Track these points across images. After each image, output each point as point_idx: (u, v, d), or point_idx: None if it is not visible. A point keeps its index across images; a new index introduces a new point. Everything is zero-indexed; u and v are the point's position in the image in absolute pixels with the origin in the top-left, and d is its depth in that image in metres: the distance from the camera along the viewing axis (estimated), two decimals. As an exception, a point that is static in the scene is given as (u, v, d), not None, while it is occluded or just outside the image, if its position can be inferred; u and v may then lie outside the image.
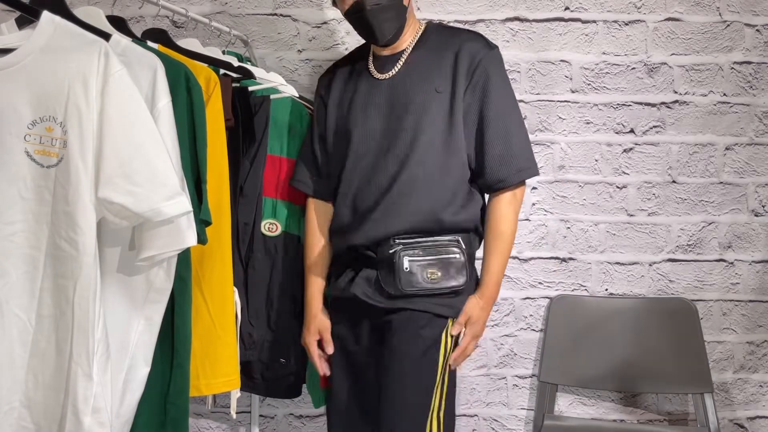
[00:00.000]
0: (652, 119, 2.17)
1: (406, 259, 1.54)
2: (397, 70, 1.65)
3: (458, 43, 1.62)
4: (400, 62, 1.65)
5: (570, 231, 2.19)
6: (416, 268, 1.54)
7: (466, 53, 1.60)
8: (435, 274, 1.55)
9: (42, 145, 1.13)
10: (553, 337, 2.14)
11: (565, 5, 2.15)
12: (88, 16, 1.30)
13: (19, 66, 1.13)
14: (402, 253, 1.55)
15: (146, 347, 1.27)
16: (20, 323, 1.14)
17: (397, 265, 1.54)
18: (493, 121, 1.59)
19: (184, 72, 1.28)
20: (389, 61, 1.66)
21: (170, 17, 2.08)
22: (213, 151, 1.37)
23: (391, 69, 1.65)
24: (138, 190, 1.13)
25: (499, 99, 1.60)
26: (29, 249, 1.14)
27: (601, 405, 2.21)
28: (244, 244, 1.70)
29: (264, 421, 2.22)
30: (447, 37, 1.65)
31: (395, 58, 1.66)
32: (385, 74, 1.66)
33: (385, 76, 1.66)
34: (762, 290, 2.19)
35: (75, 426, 1.12)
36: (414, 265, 1.54)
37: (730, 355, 2.20)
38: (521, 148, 1.61)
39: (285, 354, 1.79)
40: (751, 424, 2.23)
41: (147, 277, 1.25)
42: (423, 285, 1.55)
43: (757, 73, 2.16)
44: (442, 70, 1.61)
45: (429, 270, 1.55)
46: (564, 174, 2.17)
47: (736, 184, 2.18)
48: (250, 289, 1.71)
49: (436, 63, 1.62)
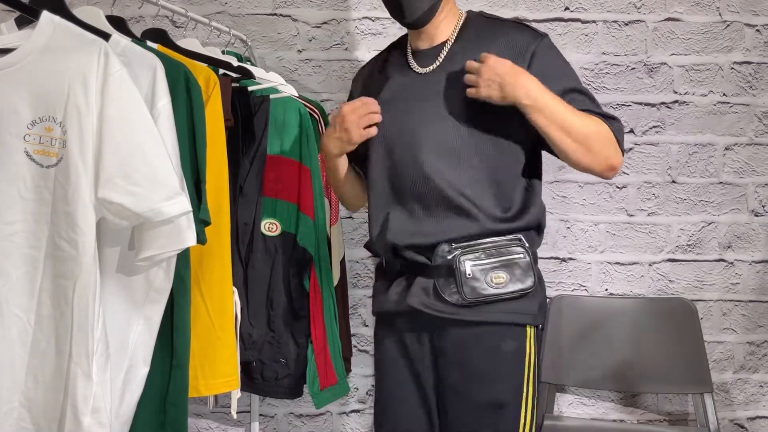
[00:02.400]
0: (652, 119, 2.17)
1: (468, 264, 1.39)
2: (439, 63, 1.49)
3: (505, 36, 1.46)
4: (442, 55, 1.50)
5: (570, 231, 2.19)
6: (479, 273, 1.39)
7: (516, 48, 1.43)
8: (500, 277, 1.40)
9: (42, 145, 1.13)
10: (553, 337, 2.14)
11: (565, 5, 2.15)
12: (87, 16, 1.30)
13: (18, 66, 1.13)
14: (462, 257, 1.39)
15: (145, 347, 1.26)
16: (20, 323, 1.14)
17: (459, 272, 1.39)
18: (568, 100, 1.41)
19: (183, 72, 1.28)
20: (430, 54, 1.51)
21: (170, 17, 2.08)
22: (213, 151, 1.37)
23: (433, 62, 1.50)
24: (138, 190, 1.13)
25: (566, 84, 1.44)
26: (29, 249, 1.14)
27: (601, 405, 2.21)
28: (244, 244, 1.70)
29: (264, 421, 2.22)
30: (492, 29, 1.49)
31: (436, 51, 1.51)
32: (426, 68, 1.50)
33: (426, 69, 1.50)
34: (762, 290, 2.19)
35: (74, 426, 1.12)
36: (477, 270, 1.39)
37: (730, 355, 2.20)
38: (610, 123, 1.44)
39: (285, 354, 1.79)
40: (751, 424, 2.23)
41: (146, 277, 1.25)
42: (489, 291, 1.39)
43: (757, 73, 2.16)
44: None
45: (493, 274, 1.40)
46: (564, 174, 2.17)
47: (735, 184, 2.18)
48: (250, 289, 1.71)
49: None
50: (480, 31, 1.50)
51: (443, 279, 1.42)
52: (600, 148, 1.41)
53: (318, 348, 1.82)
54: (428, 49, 1.52)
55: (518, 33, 1.47)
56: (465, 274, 1.39)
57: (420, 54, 1.53)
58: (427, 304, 1.43)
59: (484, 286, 1.39)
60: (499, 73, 1.37)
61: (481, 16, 1.55)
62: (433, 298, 1.43)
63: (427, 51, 1.52)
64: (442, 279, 1.42)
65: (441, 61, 1.49)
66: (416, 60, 1.53)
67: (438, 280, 1.42)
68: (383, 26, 2.15)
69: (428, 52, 1.52)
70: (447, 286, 1.41)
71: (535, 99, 1.37)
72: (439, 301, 1.42)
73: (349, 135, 1.49)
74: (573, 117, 1.39)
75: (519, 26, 1.50)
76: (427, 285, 1.44)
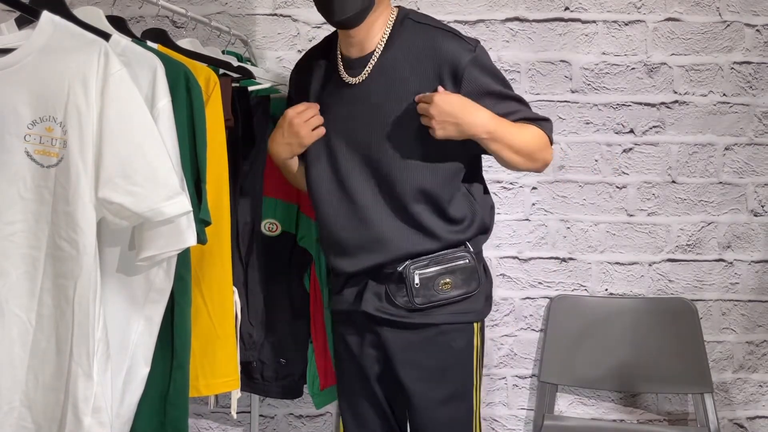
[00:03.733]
0: (652, 119, 2.17)
1: (416, 274, 1.48)
2: (368, 72, 1.48)
3: (434, 48, 1.44)
4: (370, 64, 1.48)
5: (570, 231, 2.19)
6: (427, 280, 1.48)
7: (446, 63, 1.44)
8: (447, 283, 1.49)
9: (42, 145, 1.13)
10: (553, 337, 2.14)
11: (565, 5, 2.15)
12: (87, 16, 1.29)
13: (18, 66, 1.13)
14: (412, 267, 1.48)
15: (146, 347, 1.26)
16: (20, 323, 1.14)
17: (409, 281, 1.48)
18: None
19: (183, 72, 1.28)
20: (359, 63, 1.49)
21: (170, 17, 2.08)
22: (213, 151, 1.37)
23: (362, 72, 1.49)
24: (138, 190, 1.13)
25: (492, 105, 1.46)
26: (29, 249, 1.14)
27: (601, 405, 2.22)
28: (244, 244, 1.70)
29: (264, 421, 2.22)
30: (423, 37, 1.47)
31: (365, 60, 1.49)
32: (356, 78, 1.50)
33: (356, 80, 1.50)
34: (761, 290, 2.19)
35: (75, 426, 1.12)
36: (425, 278, 1.48)
37: (730, 355, 2.20)
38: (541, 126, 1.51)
39: (285, 354, 1.79)
40: (751, 424, 2.23)
41: (147, 277, 1.25)
42: (437, 296, 1.49)
43: (756, 73, 2.16)
44: (419, 77, 1.45)
45: (441, 279, 1.49)
46: (564, 174, 2.17)
47: (735, 184, 2.18)
48: (250, 289, 1.71)
49: (413, 69, 1.46)
50: (410, 40, 1.47)
51: (394, 285, 1.51)
52: (540, 156, 1.52)
53: (318, 348, 1.82)
54: (358, 58, 1.50)
55: (448, 44, 1.44)
56: (414, 283, 1.48)
57: (350, 62, 1.51)
58: (380, 308, 1.52)
59: (432, 293, 1.49)
60: (450, 113, 1.41)
61: (410, 20, 1.50)
62: (385, 302, 1.52)
63: (357, 60, 1.50)
64: (393, 285, 1.51)
65: (370, 71, 1.48)
66: (346, 68, 1.52)
67: (389, 285, 1.51)
68: (383, 26, 2.15)
69: (358, 61, 1.50)
70: (398, 291, 1.50)
71: (493, 132, 1.44)
72: (391, 305, 1.51)
73: (299, 138, 1.52)
74: (520, 136, 1.47)
75: (448, 36, 1.46)
76: (379, 290, 1.52)
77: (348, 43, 1.50)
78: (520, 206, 2.17)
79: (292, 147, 1.54)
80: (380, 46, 1.48)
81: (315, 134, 1.52)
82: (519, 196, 2.17)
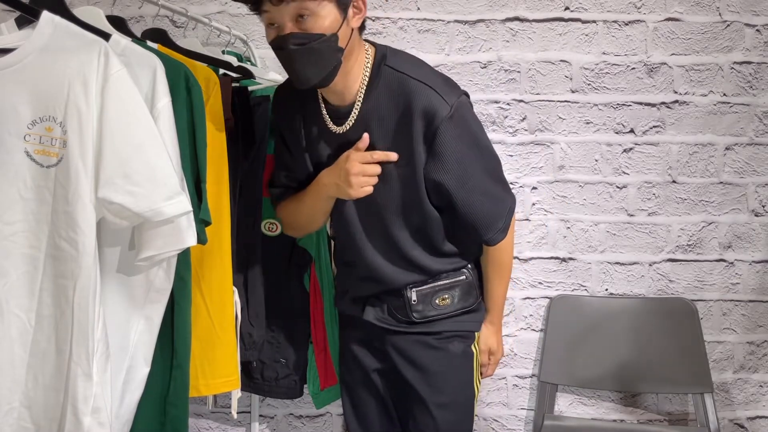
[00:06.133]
0: (652, 119, 2.17)
1: (413, 291, 1.54)
2: (352, 123, 1.45)
3: (410, 103, 1.39)
4: (353, 114, 1.45)
5: (570, 231, 2.19)
6: (424, 297, 1.54)
7: (420, 118, 1.39)
8: (445, 300, 1.56)
9: (42, 145, 1.13)
10: (553, 337, 2.14)
11: (565, 5, 2.15)
12: (87, 16, 1.29)
13: (18, 66, 1.13)
14: (410, 286, 1.55)
15: (146, 347, 1.26)
16: (20, 323, 1.14)
17: (406, 298, 1.54)
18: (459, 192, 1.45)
19: (183, 72, 1.28)
20: (342, 112, 1.47)
21: (170, 17, 2.08)
22: (213, 151, 1.37)
23: (345, 121, 1.46)
24: (138, 190, 1.13)
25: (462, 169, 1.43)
26: (29, 249, 1.14)
27: (601, 405, 2.21)
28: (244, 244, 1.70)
29: (264, 421, 2.22)
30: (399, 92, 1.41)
31: (347, 110, 1.46)
32: (340, 127, 1.47)
33: (340, 130, 1.47)
34: (762, 290, 2.19)
35: (75, 426, 1.12)
36: (421, 295, 1.54)
37: (730, 355, 2.20)
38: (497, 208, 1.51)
39: (285, 354, 1.79)
40: (751, 424, 2.23)
41: (147, 277, 1.25)
42: (434, 312, 1.55)
43: (757, 73, 2.16)
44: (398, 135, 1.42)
45: (438, 296, 1.56)
46: (564, 174, 2.17)
47: (736, 184, 2.18)
48: (250, 290, 1.70)
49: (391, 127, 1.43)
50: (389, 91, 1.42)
51: (395, 299, 1.56)
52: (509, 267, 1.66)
53: (318, 348, 1.82)
54: (340, 107, 1.47)
55: (424, 100, 1.38)
56: (411, 300, 1.54)
57: (333, 111, 1.48)
58: (382, 319, 1.58)
59: (429, 309, 1.55)
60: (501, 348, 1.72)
61: (388, 68, 1.43)
62: (387, 314, 1.58)
63: (339, 109, 1.47)
64: (394, 299, 1.57)
65: (354, 122, 1.45)
66: (330, 116, 1.48)
67: (390, 300, 1.57)
68: (383, 26, 2.15)
69: (340, 110, 1.47)
70: (399, 307, 1.56)
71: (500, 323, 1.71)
72: (392, 317, 1.57)
73: (348, 189, 1.45)
74: (506, 289, 1.66)
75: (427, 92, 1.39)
76: (380, 305, 1.58)
77: (327, 92, 1.46)
78: (520, 206, 2.17)
79: (339, 190, 1.47)
80: (360, 95, 1.44)
81: (362, 192, 1.45)
82: (519, 196, 2.17)
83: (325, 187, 1.51)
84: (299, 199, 1.58)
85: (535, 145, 2.16)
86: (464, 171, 1.45)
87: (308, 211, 1.58)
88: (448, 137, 1.40)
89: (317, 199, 1.54)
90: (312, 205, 1.56)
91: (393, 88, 1.42)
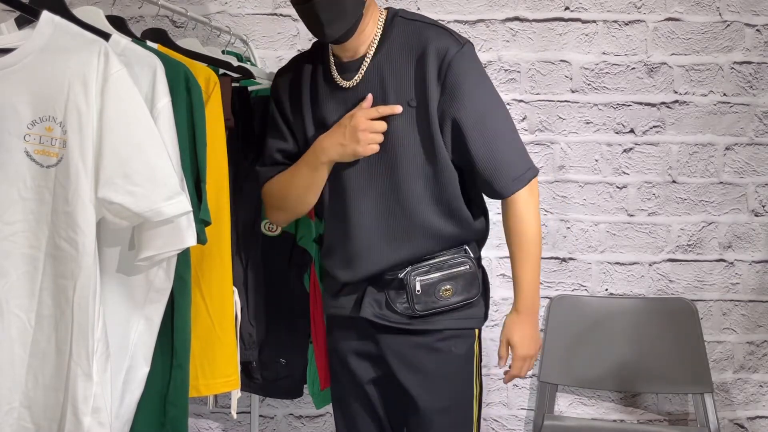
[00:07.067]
0: (652, 119, 2.17)
1: (417, 281, 1.47)
2: (362, 76, 1.46)
3: (424, 44, 1.42)
4: (363, 67, 1.46)
5: (570, 231, 2.19)
6: (428, 287, 1.47)
7: (434, 56, 1.41)
8: (448, 290, 1.48)
9: (42, 145, 1.13)
10: (553, 337, 2.14)
11: (565, 5, 2.15)
12: (87, 16, 1.29)
13: (18, 66, 1.13)
14: (413, 273, 1.47)
15: (146, 347, 1.26)
16: (20, 323, 1.14)
17: (410, 288, 1.47)
18: (473, 132, 1.43)
19: (183, 72, 1.28)
20: (352, 66, 1.47)
21: (170, 17, 2.09)
22: (213, 151, 1.37)
23: (354, 75, 1.46)
24: (138, 190, 1.13)
25: (475, 104, 1.43)
26: (29, 249, 1.14)
27: (601, 405, 2.22)
28: (244, 244, 1.70)
29: (264, 421, 2.22)
30: (412, 36, 1.45)
31: (358, 63, 1.46)
32: (349, 81, 1.47)
33: (349, 84, 1.47)
34: (762, 290, 2.19)
35: (75, 426, 1.12)
36: (426, 285, 1.47)
37: (730, 355, 2.20)
38: (510, 153, 1.47)
39: (285, 354, 1.79)
40: (751, 424, 2.23)
41: (147, 277, 1.25)
42: (438, 303, 1.47)
43: (757, 73, 2.16)
44: (411, 77, 1.43)
45: (441, 286, 1.48)
46: (564, 174, 2.17)
47: (736, 184, 2.18)
48: (250, 289, 1.70)
49: (405, 70, 1.44)
50: (401, 38, 1.45)
51: (394, 291, 1.49)
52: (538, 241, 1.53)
53: (318, 348, 1.82)
54: (350, 62, 1.47)
55: (436, 38, 1.42)
56: (415, 290, 1.47)
57: (342, 66, 1.48)
58: (380, 315, 1.50)
59: (433, 299, 1.48)
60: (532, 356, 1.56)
61: (401, 18, 1.48)
62: (385, 308, 1.50)
63: (349, 63, 1.47)
64: (393, 291, 1.49)
65: (363, 73, 1.46)
66: (339, 71, 1.49)
67: (389, 292, 1.50)
68: (383, 26, 2.15)
69: (350, 64, 1.47)
70: (398, 298, 1.49)
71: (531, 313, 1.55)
72: (391, 311, 1.50)
73: (355, 146, 1.43)
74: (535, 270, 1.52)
75: (438, 31, 1.45)
76: (378, 297, 1.51)
77: (341, 49, 1.48)
78: (520, 206, 2.17)
79: (344, 150, 1.45)
80: (372, 48, 1.46)
81: (370, 149, 1.44)
82: (519, 196, 2.17)
83: (324, 151, 1.47)
84: (292, 172, 1.53)
85: (535, 145, 2.16)
86: (476, 107, 1.43)
87: (303, 182, 1.51)
88: (460, 69, 1.41)
89: (315, 166, 1.49)
90: (308, 174, 1.50)
91: (408, 35, 1.45)
